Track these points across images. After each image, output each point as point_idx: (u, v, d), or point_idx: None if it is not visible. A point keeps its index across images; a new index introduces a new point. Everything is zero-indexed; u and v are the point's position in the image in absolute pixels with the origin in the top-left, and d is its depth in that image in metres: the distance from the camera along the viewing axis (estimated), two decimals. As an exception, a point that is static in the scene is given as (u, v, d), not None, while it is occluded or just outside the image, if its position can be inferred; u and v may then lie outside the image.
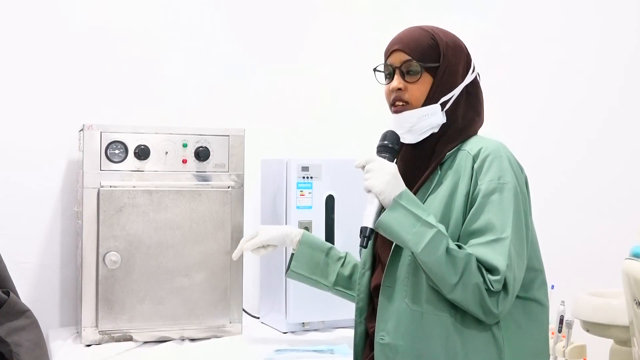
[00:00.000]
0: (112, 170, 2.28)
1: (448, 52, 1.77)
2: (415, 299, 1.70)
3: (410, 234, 1.62)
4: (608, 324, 2.48)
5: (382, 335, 1.73)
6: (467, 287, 1.61)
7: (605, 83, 3.34)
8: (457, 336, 1.66)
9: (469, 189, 1.69)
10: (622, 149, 3.35)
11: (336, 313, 2.49)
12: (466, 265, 1.60)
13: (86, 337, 2.26)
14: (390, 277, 1.74)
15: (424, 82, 1.76)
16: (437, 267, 1.61)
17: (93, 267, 2.26)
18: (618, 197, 3.27)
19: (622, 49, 3.37)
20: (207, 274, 2.35)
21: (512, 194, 1.66)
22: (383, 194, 1.66)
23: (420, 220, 1.62)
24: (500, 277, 1.60)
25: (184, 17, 2.77)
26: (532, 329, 1.74)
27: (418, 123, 1.76)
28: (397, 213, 1.64)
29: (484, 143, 1.74)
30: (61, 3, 2.60)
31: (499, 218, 1.64)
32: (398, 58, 1.78)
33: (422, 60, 1.75)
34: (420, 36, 1.78)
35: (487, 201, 1.65)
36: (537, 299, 1.75)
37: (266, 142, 2.79)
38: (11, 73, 2.55)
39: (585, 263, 3.10)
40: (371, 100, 3.01)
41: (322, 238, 2.44)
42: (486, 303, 1.61)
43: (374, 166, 1.70)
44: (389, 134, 1.78)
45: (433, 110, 1.76)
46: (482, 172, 1.68)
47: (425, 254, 1.61)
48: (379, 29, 3.03)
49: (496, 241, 1.63)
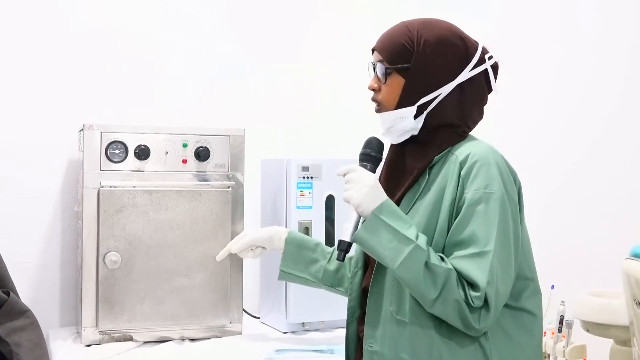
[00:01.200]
0: (112, 170, 2.28)
1: (425, 50, 1.69)
2: (399, 308, 1.66)
3: (387, 249, 1.58)
4: (608, 324, 2.48)
5: (371, 343, 1.70)
6: (447, 302, 1.56)
7: (606, 83, 3.34)
8: (443, 347, 1.62)
9: (455, 197, 1.63)
10: (622, 149, 3.35)
11: (336, 313, 2.49)
12: (446, 280, 1.56)
13: (86, 337, 2.26)
14: (377, 283, 1.71)
15: (393, 84, 1.71)
16: (414, 282, 1.57)
17: (93, 267, 2.26)
18: (618, 197, 3.27)
19: (623, 49, 3.37)
20: (207, 274, 2.35)
21: (498, 205, 1.59)
22: (361, 206, 1.61)
23: (398, 235, 1.57)
24: (481, 293, 1.55)
25: (184, 17, 2.77)
26: (523, 340, 1.67)
27: (394, 125, 1.71)
28: (374, 227, 1.59)
29: (474, 148, 1.66)
30: (61, 3, 2.60)
31: (482, 230, 1.58)
32: (375, 57, 1.75)
33: (391, 62, 1.70)
34: (397, 35, 1.73)
35: (472, 211, 1.59)
36: (527, 308, 1.69)
37: (266, 142, 2.79)
38: (11, 73, 2.55)
39: (585, 263, 3.10)
40: (371, 100, 3.02)
41: (322, 238, 2.45)
42: (467, 318, 1.57)
43: (353, 176, 1.65)
44: (373, 141, 1.74)
45: (406, 113, 1.70)
46: (469, 180, 1.62)
47: (402, 270, 1.57)
48: (379, 29, 3.02)
49: (479, 255, 1.57)
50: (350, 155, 2.88)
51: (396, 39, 1.72)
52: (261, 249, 2.13)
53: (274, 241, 2.09)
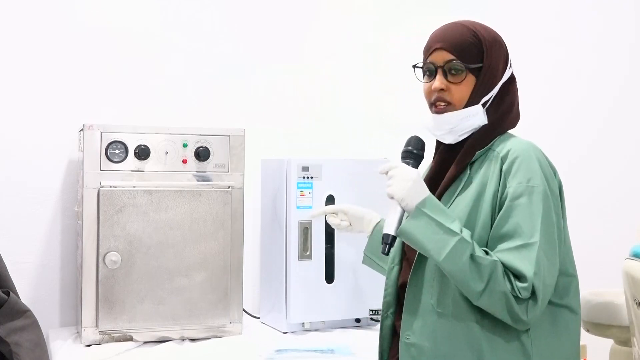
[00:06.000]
0: (112, 170, 2.28)
1: (490, 50, 1.73)
2: (441, 301, 1.67)
3: (432, 242, 1.60)
4: (608, 324, 2.48)
5: (408, 335, 1.71)
6: (494, 294, 1.58)
7: (605, 83, 3.34)
8: (484, 340, 1.63)
9: (497, 192, 1.66)
10: (622, 149, 3.35)
11: (336, 313, 2.49)
12: (492, 272, 1.57)
13: (86, 337, 2.26)
14: (416, 276, 1.72)
15: (467, 83, 1.73)
16: (461, 275, 1.59)
17: (93, 267, 2.26)
18: (618, 197, 3.27)
19: (622, 49, 3.37)
20: (207, 274, 2.35)
21: (540, 198, 1.62)
22: (405, 200, 1.65)
23: (443, 228, 1.60)
24: (528, 284, 1.57)
25: (184, 17, 2.77)
26: (563, 338, 1.69)
27: (459, 124, 1.73)
28: (419, 221, 1.62)
29: (514, 144, 1.70)
30: (61, 3, 2.60)
31: (527, 222, 1.60)
32: (441, 57, 1.73)
33: (466, 60, 1.71)
34: (463, 34, 1.73)
35: (515, 205, 1.62)
36: (570, 306, 1.71)
37: (266, 142, 2.79)
38: (11, 73, 2.55)
39: (585, 263, 3.10)
40: (371, 100, 3.02)
41: (322, 238, 2.45)
42: (514, 310, 1.58)
43: (395, 172, 1.68)
44: (414, 140, 1.75)
45: (475, 111, 1.73)
46: (511, 174, 1.65)
47: (447, 262, 1.59)
48: (379, 29, 3.04)
49: (524, 246, 1.59)
50: (351, 155, 2.90)
51: (465, 39, 1.73)
52: (347, 222, 2.18)
53: (363, 223, 2.14)
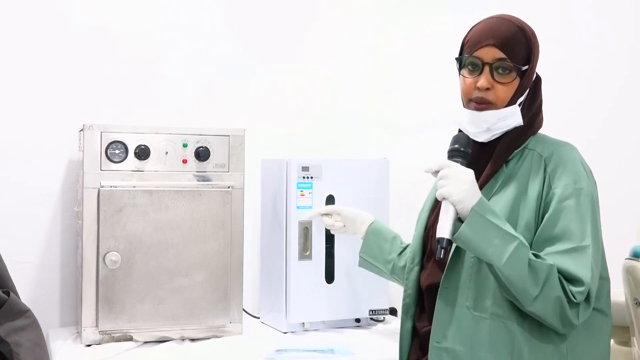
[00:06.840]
0: (112, 170, 2.28)
1: (536, 52, 1.71)
2: (478, 303, 1.63)
3: (491, 246, 1.54)
4: (608, 324, 2.48)
5: (438, 339, 1.67)
6: (548, 299, 1.54)
7: (605, 83, 3.34)
8: (524, 344, 1.60)
9: (541, 193, 1.62)
10: (622, 149, 3.35)
11: (336, 313, 2.49)
12: (547, 277, 1.54)
13: (86, 337, 2.26)
14: (450, 278, 1.67)
15: (513, 84, 1.69)
16: (519, 279, 1.53)
17: (93, 267, 2.26)
18: (618, 197, 3.27)
19: (622, 49, 3.37)
20: (207, 274, 2.35)
21: (588, 200, 1.59)
22: (462, 202, 1.56)
23: (501, 232, 1.55)
24: (584, 288, 1.54)
25: (184, 17, 2.77)
26: (597, 340, 1.67)
27: (497, 123, 1.69)
28: (477, 224, 1.55)
29: (556, 145, 1.68)
30: (61, 3, 2.60)
31: (577, 225, 1.57)
32: (490, 54, 1.68)
33: (515, 60, 1.67)
34: (514, 33, 1.69)
35: (563, 206, 1.58)
36: (603, 309, 1.69)
37: (266, 142, 2.79)
38: (11, 73, 2.55)
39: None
40: (371, 100, 3.02)
41: (321, 238, 2.45)
42: (567, 315, 1.55)
43: (449, 172, 1.60)
44: (462, 138, 1.69)
45: (513, 111, 1.69)
46: (556, 175, 1.62)
47: (508, 267, 1.53)
48: (379, 29, 3.04)
49: (576, 250, 1.56)
50: (350, 155, 2.90)
51: (516, 38, 1.69)
52: (342, 225, 2.18)
53: (356, 224, 2.13)
